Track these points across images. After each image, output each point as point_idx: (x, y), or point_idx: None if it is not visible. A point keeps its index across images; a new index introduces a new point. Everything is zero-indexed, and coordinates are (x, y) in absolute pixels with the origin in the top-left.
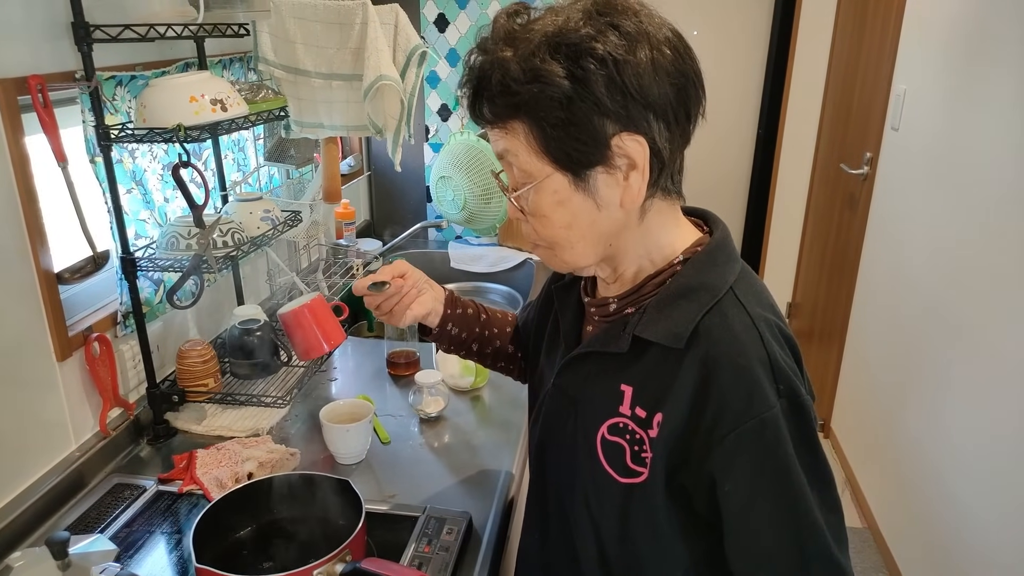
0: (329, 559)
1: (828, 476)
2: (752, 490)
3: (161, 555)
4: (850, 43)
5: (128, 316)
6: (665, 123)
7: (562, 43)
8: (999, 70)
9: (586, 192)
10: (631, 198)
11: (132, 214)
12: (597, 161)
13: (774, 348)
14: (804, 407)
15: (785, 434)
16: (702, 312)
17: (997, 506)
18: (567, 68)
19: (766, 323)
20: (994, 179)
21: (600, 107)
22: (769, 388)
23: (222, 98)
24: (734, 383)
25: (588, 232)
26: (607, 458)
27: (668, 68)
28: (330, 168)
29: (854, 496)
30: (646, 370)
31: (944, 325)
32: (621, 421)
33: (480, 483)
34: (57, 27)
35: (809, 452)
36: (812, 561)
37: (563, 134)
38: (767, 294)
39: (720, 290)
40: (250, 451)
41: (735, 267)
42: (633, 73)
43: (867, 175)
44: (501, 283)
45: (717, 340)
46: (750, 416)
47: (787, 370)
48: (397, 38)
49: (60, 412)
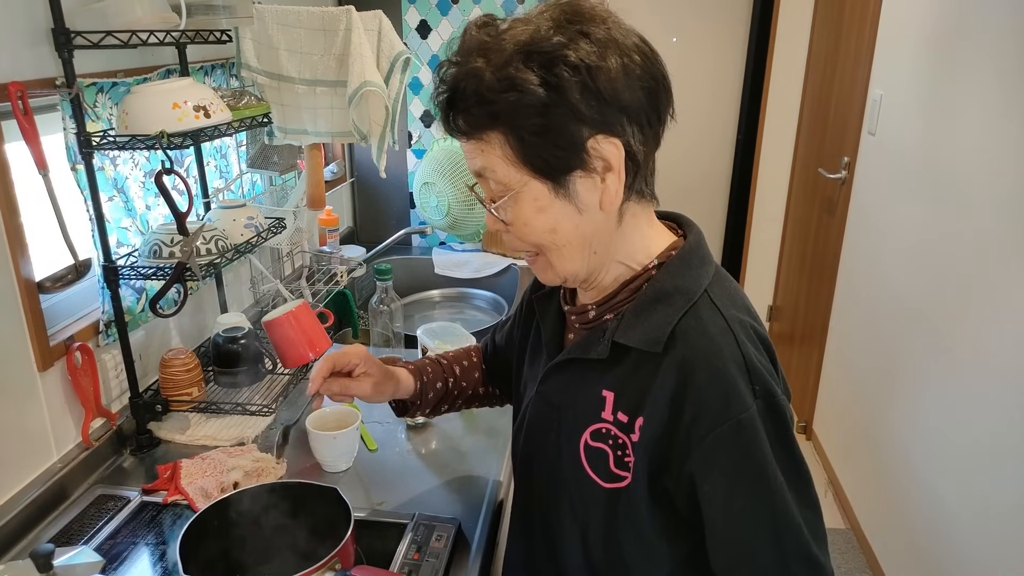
0: (318, 568)
1: (805, 474)
2: (730, 490)
3: (146, 567)
4: (827, 48)
5: (110, 325)
6: (638, 126)
7: (535, 51)
8: (974, 75)
9: (566, 197)
10: (609, 199)
11: (114, 222)
12: (575, 165)
13: (749, 349)
14: (780, 407)
15: (762, 434)
16: (678, 316)
17: (978, 505)
18: (541, 76)
19: (741, 325)
20: (970, 182)
21: (575, 112)
22: (745, 389)
23: (205, 104)
24: (710, 385)
25: (572, 236)
26: (591, 464)
27: (638, 73)
28: (314, 175)
29: (836, 497)
30: (626, 375)
31: (923, 326)
32: (604, 427)
33: (468, 489)
34: (37, 33)
35: (786, 451)
36: (791, 558)
37: (541, 141)
38: (742, 295)
39: (695, 293)
40: (235, 460)
41: (709, 270)
42: (606, 78)
43: (845, 179)
44: (485, 289)
45: (693, 343)
46: (727, 417)
47: (762, 371)
48: (381, 44)
49: (41, 423)
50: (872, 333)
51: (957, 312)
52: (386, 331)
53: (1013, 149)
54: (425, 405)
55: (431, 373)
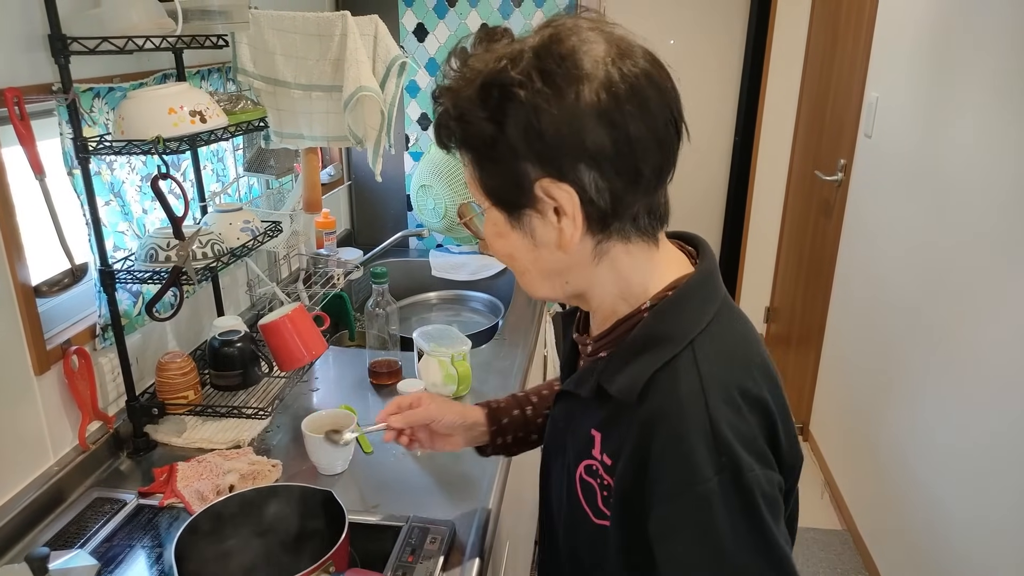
0: (312, 570)
1: (777, 556)
2: (682, 564)
3: (142, 569)
4: (824, 51)
5: (107, 329)
6: (599, 172)
7: (491, 84)
8: (970, 77)
9: (521, 230)
10: (565, 242)
11: (110, 226)
12: (524, 204)
13: (722, 416)
14: (746, 484)
15: (720, 511)
16: (655, 367)
17: (975, 506)
18: (490, 111)
19: (721, 386)
20: (966, 184)
21: (518, 152)
22: (706, 460)
23: (201, 109)
24: (668, 451)
25: (531, 267)
26: (584, 497)
27: (604, 114)
28: (310, 178)
29: (833, 498)
30: (610, 419)
31: (920, 328)
32: (594, 464)
33: (463, 492)
34: (34, 39)
35: (753, 529)
36: None
37: (488, 174)
38: (743, 344)
39: (679, 344)
40: (231, 463)
41: (707, 312)
42: (552, 124)
43: (841, 181)
44: (482, 291)
45: (659, 402)
46: (683, 488)
47: (732, 441)
48: (377, 49)
49: (38, 426)
50: (869, 335)
51: (954, 314)
52: (382, 333)
53: (1009, 151)
54: (502, 432)
55: (503, 403)
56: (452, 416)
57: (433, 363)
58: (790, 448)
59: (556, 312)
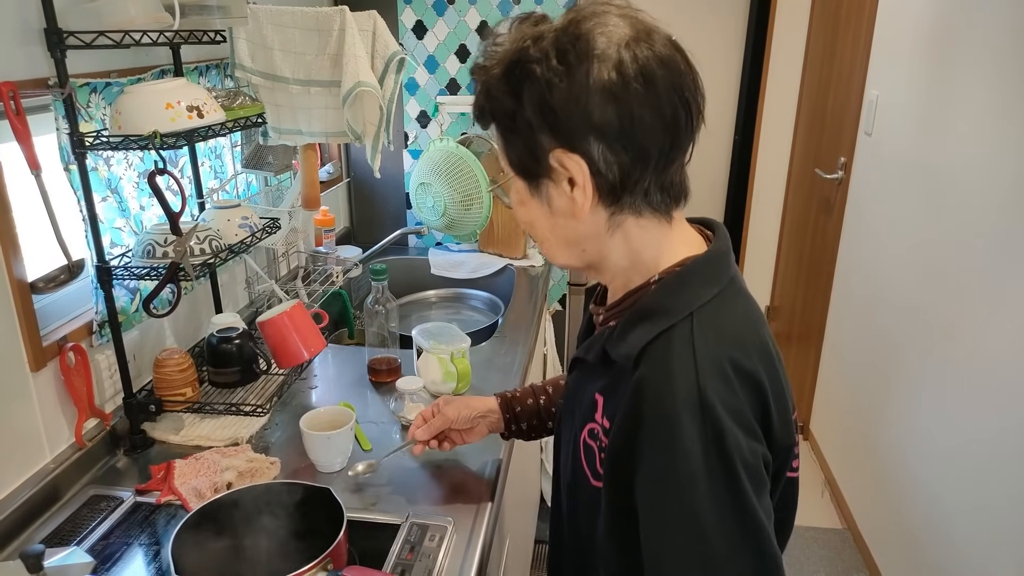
0: (310, 568)
1: (755, 523)
2: (660, 523)
3: (139, 567)
4: (823, 50)
5: (104, 325)
6: (607, 144)
7: (514, 62)
8: (970, 75)
9: (540, 199)
10: (577, 210)
11: (107, 222)
12: (541, 173)
13: (711, 386)
14: (728, 451)
15: (702, 478)
16: (652, 335)
17: (975, 504)
18: (511, 86)
19: (713, 359)
20: (966, 182)
21: (533, 124)
22: (689, 428)
23: (198, 105)
24: (655, 413)
25: (550, 234)
26: (586, 459)
27: (610, 94)
28: (309, 175)
29: (833, 497)
30: (611, 384)
31: (920, 326)
32: (596, 427)
33: (462, 490)
34: (29, 33)
35: (732, 497)
36: None
37: (510, 145)
38: (743, 323)
39: (677, 315)
40: (229, 460)
41: (709, 290)
42: (563, 99)
43: (842, 180)
44: (482, 289)
45: (653, 367)
46: (665, 448)
47: (720, 413)
48: (375, 45)
49: (34, 423)
50: (869, 333)
51: (954, 312)
52: (382, 331)
53: (1009, 149)
54: (516, 420)
55: (518, 393)
56: (467, 412)
57: (432, 360)
58: (783, 428)
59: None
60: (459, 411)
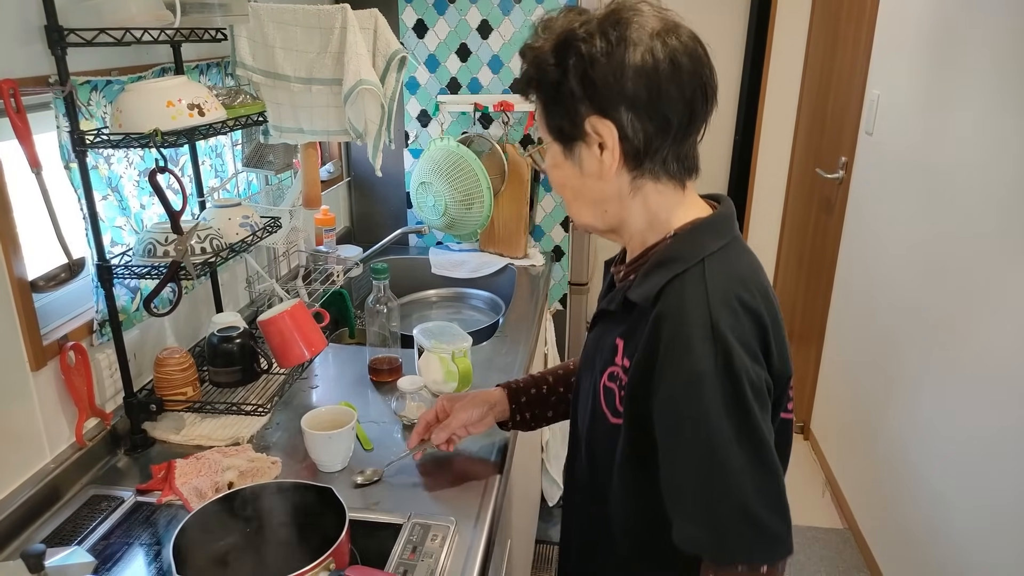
0: (312, 568)
1: (756, 436)
2: (676, 437)
3: (140, 567)
4: (824, 49)
5: (104, 324)
6: (635, 115)
7: (562, 41)
8: (971, 74)
9: (573, 160)
10: (605, 172)
11: (108, 221)
12: (577, 136)
13: (721, 314)
14: (735, 370)
15: (713, 391)
16: (668, 278)
17: (976, 504)
18: (557, 60)
19: (722, 292)
20: (968, 182)
21: (574, 93)
22: (703, 349)
23: (199, 103)
24: (672, 340)
25: (578, 194)
26: (605, 400)
27: (641, 70)
28: (309, 173)
29: (834, 496)
30: (631, 325)
31: (921, 326)
32: (615, 370)
33: (465, 489)
34: (30, 30)
35: (738, 411)
36: (725, 511)
37: (551, 111)
38: (746, 270)
39: (690, 261)
40: (230, 460)
41: (717, 242)
42: (602, 71)
43: (843, 179)
44: (482, 288)
45: (670, 302)
46: (681, 370)
47: (729, 336)
48: (376, 43)
49: (34, 423)
50: (870, 332)
51: (955, 311)
52: (383, 331)
53: (1010, 149)
54: (521, 409)
55: (521, 383)
56: (480, 409)
57: (434, 360)
58: (780, 358)
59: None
60: (472, 409)
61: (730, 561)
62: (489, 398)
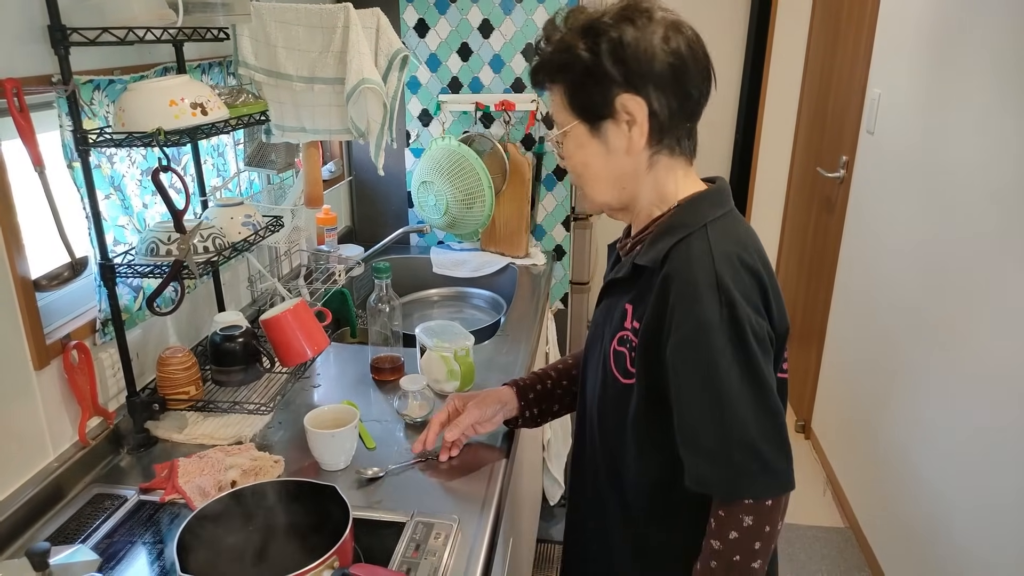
0: (317, 566)
1: (760, 378)
2: (688, 380)
3: (143, 566)
4: (825, 48)
5: (107, 323)
6: (662, 92)
7: (590, 29)
8: (973, 73)
9: (599, 139)
10: (632, 147)
11: (111, 220)
12: (607, 115)
13: (724, 270)
14: (739, 319)
15: (720, 337)
16: (674, 241)
17: (977, 502)
18: (587, 45)
19: (724, 254)
20: (969, 181)
21: (607, 73)
22: (710, 301)
23: (202, 102)
24: (681, 294)
25: (602, 171)
26: (615, 364)
27: (666, 52)
28: (311, 173)
29: (835, 496)
30: (639, 290)
31: (922, 325)
32: (625, 334)
33: (468, 487)
34: (33, 30)
35: (743, 355)
36: (734, 446)
37: (584, 92)
38: (743, 235)
39: (694, 227)
40: (233, 459)
41: (717, 211)
42: (633, 52)
43: (843, 178)
44: (484, 288)
45: (676, 261)
46: (690, 320)
47: (733, 290)
48: (379, 42)
49: (37, 422)
50: (871, 331)
51: (955, 310)
52: (384, 330)
53: (1012, 148)
54: (529, 406)
55: (528, 380)
56: (492, 407)
57: (436, 359)
58: (780, 316)
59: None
60: (484, 409)
61: (738, 496)
62: (500, 397)
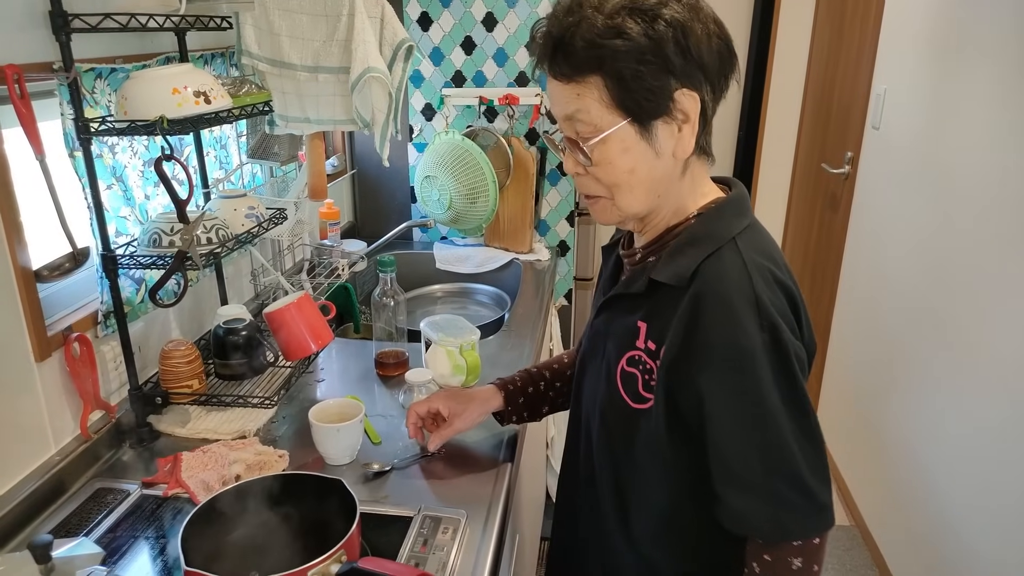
0: (324, 560)
1: (805, 407)
2: (728, 408)
3: (146, 560)
4: (829, 44)
5: (109, 315)
6: (711, 85)
7: (637, 8)
8: (978, 68)
9: (649, 141)
10: (682, 148)
11: (112, 211)
12: (661, 112)
13: (762, 289)
14: (783, 342)
15: (763, 363)
16: (703, 256)
17: (983, 501)
18: (643, 28)
19: (759, 268)
20: (974, 177)
21: (668, 63)
22: (751, 322)
23: (205, 90)
24: (718, 315)
25: (646, 177)
26: (624, 387)
27: (715, 38)
28: (315, 165)
29: (841, 494)
30: (657, 308)
31: (926, 323)
32: (637, 354)
33: (475, 481)
34: (34, 16)
35: (788, 383)
36: (777, 478)
37: (637, 86)
38: (771, 247)
39: (723, 239)
40: (237, 453)
41: (742, 221)
42: (695, 38)
43: (848, 174)
44: (487, 284)
45: (710, 279)
46: (731, 344)
47: (772, 310)
48: (384, 32)
49: (39, 415)
50: (875, 328)
51: (961, 307)
52: (388, 326)
53: (1018, 144)
54: (518, 410)
55: (518, 382)
56: (477, 417)
57: (441, 353)
58: (809, 334)
59: (603, 247)
60: (469, 419)
61: (783, 537)
62: (487, 405)
